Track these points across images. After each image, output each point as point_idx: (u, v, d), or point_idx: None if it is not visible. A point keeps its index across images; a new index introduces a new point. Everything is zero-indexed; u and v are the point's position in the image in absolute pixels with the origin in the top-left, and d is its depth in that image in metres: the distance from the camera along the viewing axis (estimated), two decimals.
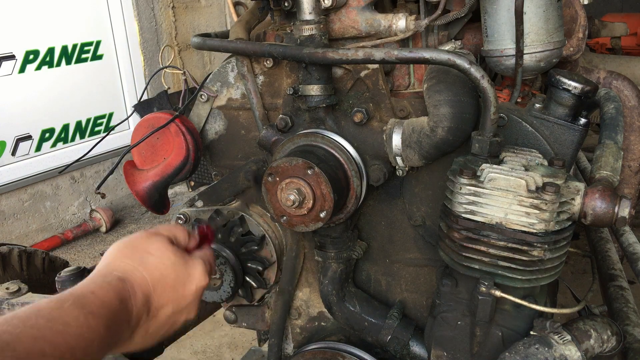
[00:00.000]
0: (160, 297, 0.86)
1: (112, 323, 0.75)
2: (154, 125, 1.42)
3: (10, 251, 1.95)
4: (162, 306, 0.87)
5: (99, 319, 0.72)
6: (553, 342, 1.08)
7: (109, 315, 0.74)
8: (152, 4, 4.97)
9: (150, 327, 0.86)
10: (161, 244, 0.90)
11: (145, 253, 0.87)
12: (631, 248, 1.56)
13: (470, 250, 1.09)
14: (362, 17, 1.29)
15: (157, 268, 0.87)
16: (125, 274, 0.83)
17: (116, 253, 0.88)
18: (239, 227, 1.47)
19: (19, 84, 4.14)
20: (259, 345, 2.04)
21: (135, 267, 0.85)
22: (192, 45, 1.39)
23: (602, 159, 1.18)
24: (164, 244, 0.91)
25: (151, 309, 0.85)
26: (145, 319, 0.84)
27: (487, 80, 1.06)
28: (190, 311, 0.93)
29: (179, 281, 0.89)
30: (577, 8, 1.45)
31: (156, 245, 0.90)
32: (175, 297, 0.88)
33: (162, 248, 0.90)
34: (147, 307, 0.84)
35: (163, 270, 0.87)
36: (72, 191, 4.60)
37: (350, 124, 1.30)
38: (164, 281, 0.87)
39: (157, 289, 0.86)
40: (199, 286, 0.92)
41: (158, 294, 0.86)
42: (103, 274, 0.82)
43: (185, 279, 0.90)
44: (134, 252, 0.87)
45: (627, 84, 1.52)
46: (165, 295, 0.87)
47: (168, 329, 0.90)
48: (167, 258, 0.89)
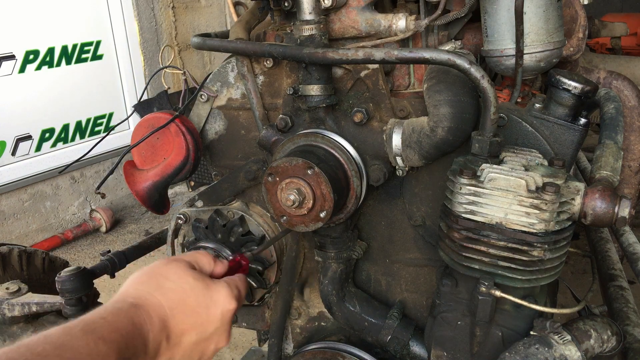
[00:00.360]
0: (181, 322, 0.81)
1: (125, 349, 0.71)
2: (154, 125, 1.42)
3: (10, 251, 1.95)
4: (184, 332, 0.81)
5: (110, 344, 0.68)
6: (553, 342, 1.08)
7: (121, 341, 0.70)
8: (152, 4, 4.97)
9: (175, 356, 0.81)
10: (179, 269, 0.85)
11: (162, 278, 0.83)
12: (631, 248, 1.56)
13: (470, 250, 1.09)
14: (362, 17, 1.29)
15: (174, 292, 0.82)
16: (139, 299, 0.79)
17: (131, 281, 0.83)
18: (239, 227, 1.47)
19: (19, 84, 4.14)
20: (259, 345, 2.05)
21: (150, 293, 0.80)
22: (192, 45, 1.39)
23: (602, 159, 1.17)
24: (183, 268, 0.86)
25: (171, 336, 0.80)
26: (166, 347, 0.79)
27: (487, 80, 1.06)
28: (220, 339, 0.87)
29: (200, 305, 0.84)
30: (577, 8, 1.45)
31: (174, 270, 0.85)
32: (198, 322, 0.83)
33: (180, 272, 0.85)
34: (165, 332, 0.79)
35: (181, 294, 0.82)
36: (72, 191, 4.60)
37: (350, 124, 1.30)
38: (183, 306, 0.82)
39: (175, 314, 0.81)
40: (224, 310, 0.86)
41: (177, 320, 0.80)
42: (115, 301, 0.78)
43: (208, 303, 0.85)
44: (150, 279, 0.83)
45: (627, 84, 1.52)
46: (187, 321, 0.82)
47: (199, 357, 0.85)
48: (186, 282, 0.84)
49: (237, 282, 0.93)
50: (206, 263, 0.93)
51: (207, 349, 0.86)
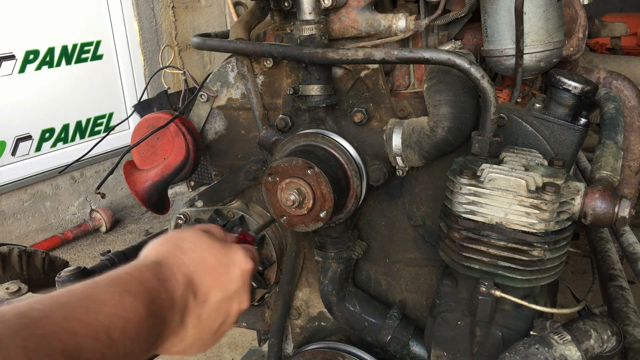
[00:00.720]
0: (204, 279, 0.81)
1: (153, 303, 0.69)
2: (154, 125, 1.42)
3: (10, 251, 1.95)
4: (210, 290, 0.81)
5: (136, 296, 0.67)
6: (553, 342, 1.08)
7: (146, 294, 0.68)
8: (152, 4, 4.97)
9: (203, 313, 0.80)
10: (196, 233, 0.87)
11: (180, 240, 0.84)
12: (631, 248, 1.56)
13: (470, 250, 1.09)
14: (362, 17, 1.29)
15: (194, 252, 0.82)
16: (162, 258, 0.78)
17: (150, 246, 0.84)
18: (239, 227, 1.47)
19: (19, 84, 4.14)
20: (259, 345, 2.05)
21: (172, 252, 0.80)
22: (192, 45, 1.39)
23: (602, 159, 1.18)
24: (199, 233, 0.87)
25: (198, 293, 0.79)
26: (194, 304, 0.78)
27: (487, 80, 1.06)
28: (242, 299, 0.87)
29: (220, 264, 0.84)
30: (577, 8, 1.45)
31: (191, 234, 0.86)
32: (220, 280, 0.83)
33: (196, 236, 0.86)
34: (192, 289, 0.78)
35: (201, 253, 0.83)
36: (72, 191, 4.60)
37: (350, 124, 1.30)
38: (205, 263, 0.82)
39: (198, 270, 0.80)
40: (244, 269, 0.87)
41: (201, 277, 0.80)
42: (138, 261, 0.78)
43: (227, 262, 0.86)
44: (168, 241, 0.84)
45: (627, 84, 1.52)
46: (210, 278, 0.81)
47: (224, 320, 0.85)
48: (204, 242, 0.85)
49: (249, 247, 0.95)
50: (217, 233, 0.94)
51: (231, 308, 0.85)
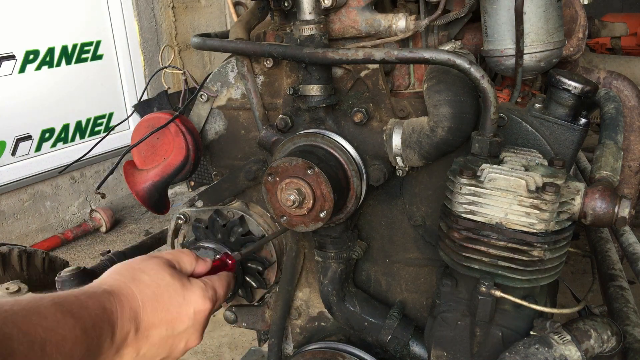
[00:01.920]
0: (151, 315, 0.82)
1: (91, 329, 0.71)
2: (154, 125, 1.42)
3: (10, 251, 1.95)
4: (154, 326, 0.83)
5: (77, 319, 0.69)
6: (553, 342, 1.08)
7: (88, 320, 0.71)
8: (152, 4, 4.97)
9: (142, 348, 0.82)
10: (157, 266, 0.88)
11: (139, 272, 0.85)
12: (631, 248, 1.56)
13: (470, 250, 1.09)
14: (362, 17, 1.29)
15: (149, 286, 0.84)
16: (114, 287, 0.80)
17: (109, 272, 0.86)
18: (239, 227, 1.47)
19: (19, 84, 4.14)
20: (259, 345, 2.05)
21: (126, 283, 0.82)
22: (192, 45, 1.39)
23: (602, 159, 1.18)
24: (162, 265, 0.88)
25: (140, 327, 0.81)
26: (134, 338, 0.80)
27: (487, 80, 1.06)
28: (190, 337, 0.89)
29: (173, 303, 0.85)
30: (577, 8, 1.45)
31: (152, 266, 0.87)
32: (168, 318, 0.84)
33: (157, 269, 0.87)
34: (135, 323, 0.80)
35: (155, 289, 0.84)
36: (72, 191, 4.60)
37: (350, 124, 1.30)
38: (156, 301, 0.83)
39: (147, 306, 0.82)
40: (197, 310, 0.88)
41: (148, 313, 0.82)
42: (90, 286, 0.80)
43: (180, 302, 0.87)
44: (127, 271, 0.85)
45: (627, 84, 1.52)
46: (157, 316, 0.83)
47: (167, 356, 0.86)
48: (162, 278, 0.86)
49: (216, 282, 0.95)
50: (187, 262, 0.95)
51: (176, 346, 0.87)
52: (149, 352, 0.83)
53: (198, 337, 0.90)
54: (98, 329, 0.73)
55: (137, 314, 0.80)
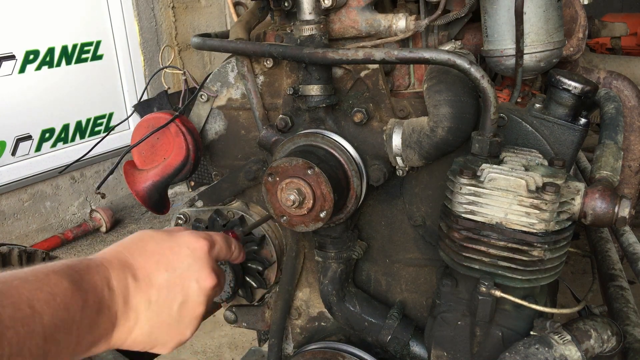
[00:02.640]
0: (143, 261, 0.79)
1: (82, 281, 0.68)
2: (154, 125, 1.42)
3: (10, 251, 1.95)
4: (152, 272, 0.79)
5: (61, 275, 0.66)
6: (553, 342, 1.08)
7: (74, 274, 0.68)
8: (152, 4, 4.97)
9: (151, 295, 0.78)
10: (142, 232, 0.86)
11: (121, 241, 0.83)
12: (631, 248, 1.56)
13: (470, 250, 1.09)
14: (362, 17, 1.29)
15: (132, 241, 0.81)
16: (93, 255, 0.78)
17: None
18: (239, 227, 1.47)
19: (19, 84, 4.14)
20: (259, 345, 2.05)
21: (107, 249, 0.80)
22: (192, 45, 1.39)
23: (602, 159, 1.18)
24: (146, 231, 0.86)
25: (138, 275, 0.77)
26: (136, 286, 0.76)
27: (487, 80, 1.06)
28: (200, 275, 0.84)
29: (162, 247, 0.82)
30: (577, 8, 1.45)
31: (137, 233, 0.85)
32: (163, 260, 0.81)
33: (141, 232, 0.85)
34: (130, 271, 0.76)
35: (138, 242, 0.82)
36: (72, 191, 4.60)
37: (350, 124, 1.30)
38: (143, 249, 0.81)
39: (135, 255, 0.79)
40: (192, 247, 0.85)
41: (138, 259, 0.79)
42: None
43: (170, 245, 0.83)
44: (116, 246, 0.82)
45: (627, 84, 1.52)
46: (150, 260, 0.80)
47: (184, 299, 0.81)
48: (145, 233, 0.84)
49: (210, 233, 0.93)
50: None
51: (188, 287, 0.82)
52: (161, 297, 0.79)
53: (209, 275, 0.85)
54: (90, 282, 0.70)
55: (127, 262, 0.77)
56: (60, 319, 0.63)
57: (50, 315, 0.62)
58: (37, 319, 0.61)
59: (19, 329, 0.58)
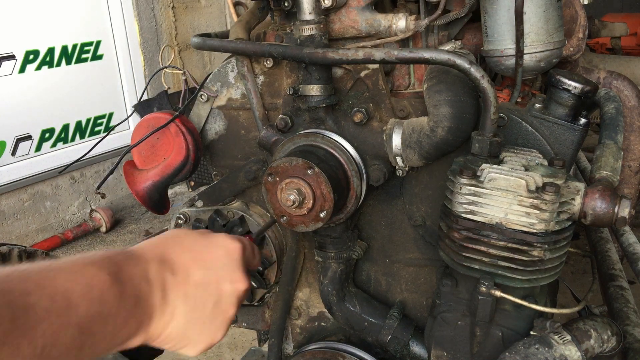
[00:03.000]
0: (181, 257, 0.78)
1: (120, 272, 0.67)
2: (154, 125, 1.42)
3: (10, 251, 1.95)
4: (189, 267, 0.78)
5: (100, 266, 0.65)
6: (553, 342, 1.08)
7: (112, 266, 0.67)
8: (152, 4, 4.97)
9: (188, 290, 0.76)
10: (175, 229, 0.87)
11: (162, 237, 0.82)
12: (631, 248, 1.56)
13: (470, 250, 1.09)
14: (362, 17, 1.29)
15: (168, 237, 0.81)
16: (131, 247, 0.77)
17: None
18: (239, 227, 1.47)
19: (19, 84, 4.14)
20: (259, 345, 2.05)
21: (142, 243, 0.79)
22: (192, 45, 1.39)
23: (602, 159, 1.18)
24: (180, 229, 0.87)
25: (175, 269, 0.76)
26: (174, 280, 0.75)
27: (487, 80, 1.06)
28: (233, 277, 0.83)
29: (198, 244, 0.82)
30: (577, 8, 1.45)
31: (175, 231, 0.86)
32: (200, 258, 0.80)
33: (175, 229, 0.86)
34: (168, 265, 0.75)
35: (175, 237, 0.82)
36: (72, 191, 4.60)
37: (350, 124, 1.30)
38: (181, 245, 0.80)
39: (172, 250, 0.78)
40: (227, 248, 0.84)
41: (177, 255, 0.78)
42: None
43: (206, 243, 0.83)
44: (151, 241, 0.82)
45: (627, 84, 1.52)
46: (186, 256, 0.79)
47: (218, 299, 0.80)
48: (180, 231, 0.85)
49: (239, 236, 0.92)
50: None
51: (222, 287, 0.81)
52: (198, 293, 0.78)
53: (242, 276, 0.84)
54: (128, 273, 0.68)
55: (165, 256, 0.76)
56: (97, 311, 0.62)
57: (87, 307, 0.61)
58: (73, 311, 0.59)
59: (53, 321, 0.57)
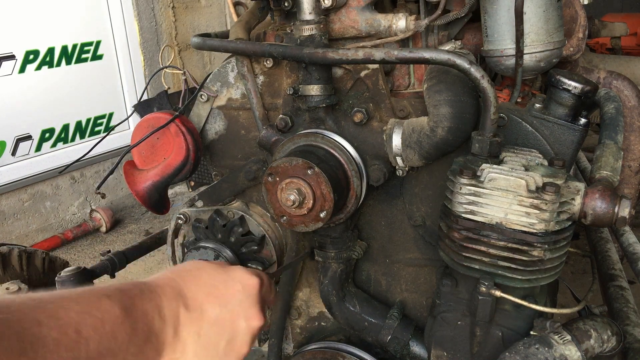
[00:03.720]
0: (196, 291, 0.77)
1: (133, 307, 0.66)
2: (154, 125, 1.42)
3: (10, 251, 1.95)
4: (204, 303, 0.77)
5: (113, 300, 0.64)
6: (553, 342, 1.08)
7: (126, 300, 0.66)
8: (152, 4, 4.97)
9: (201, 327, 0.76)
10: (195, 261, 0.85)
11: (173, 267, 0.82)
12: (631, 248, 1.56)
13: (470, 250, 1.09)
14: (362, 17, 1.29)
15: (185, 270, 0.80)
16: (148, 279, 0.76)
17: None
18: (239, 227, 1.47)
19: (19, 84, 4.14)
20: (259, 345, 2.04)
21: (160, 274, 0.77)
22: (192, 45, 1.39)
23: (602, 159, 1.17)
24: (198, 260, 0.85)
25: (189, 304, 0.75)
26: (188, 316, 0.74)
27: (487, 80, 1.06)
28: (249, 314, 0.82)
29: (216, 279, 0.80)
30: (577, 8, 1.45)
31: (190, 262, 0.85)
32: (216, 293, 0.79)
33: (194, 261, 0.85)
34: (182, 300, 0.74)
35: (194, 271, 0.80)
36: (72, 191, 4.60)
37: (350, 124, 1.30)
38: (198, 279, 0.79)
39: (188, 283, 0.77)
40: (245, 284, 0.83)
41: (192, 289, 0.76)
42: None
43: (224, 278, 0.81)
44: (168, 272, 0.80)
45: (627, 84, 1.52)
46: (203, 291, 0.78)
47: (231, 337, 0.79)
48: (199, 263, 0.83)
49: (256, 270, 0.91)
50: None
51: (237, 325, 0.80)
52: (210, 331, 0.76)
53: (257, 314, 0.83)
54: (141, 308, 0.68)
55: (180, 291, 0.75)
56: (107, 346, 0.61)
57: (97, 341, 0.60)
58: (83, 345, 0.59)
59: (62, 354, 0.56)
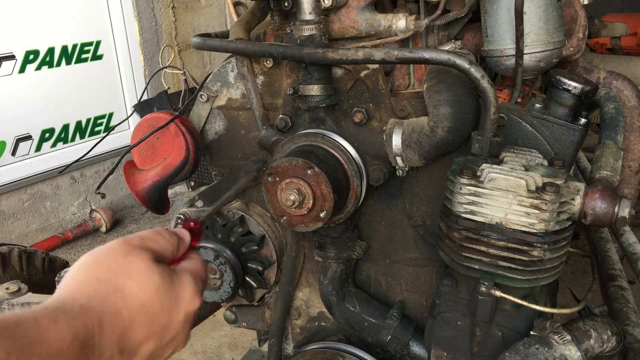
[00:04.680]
0: (139, 331, 0.69)
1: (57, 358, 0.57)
2: (154, 125, 1.42)
3: (10, 251, 1.95)
4: (142, 343, 0.70)
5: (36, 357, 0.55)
6: (553, 342, 1.08)
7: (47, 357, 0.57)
8: (152, 4, 4.97)
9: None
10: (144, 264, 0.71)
11: (123, 277, 0.68)
12: (631, 248, 1.55)
13: (470, 250, 1.09)
14: (362, 17, 1.29)
15: (137, 297, 0.69)
16: (92, 301, 0.64)
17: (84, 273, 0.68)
18: (239, 227, 1.47)
19: (19, 84, 4.14)
20: (259, 345, 2.05)
21: (108, 296, 0.66)
22: (192, 45, 1.39)
23: (602, 159, 1.17)
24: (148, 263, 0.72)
25: (126, 349, 0.68)
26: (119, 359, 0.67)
27: (487, 80, 1.06)
28: (179, 342, 0.77)
29: (163, 310, 0.72)
30: (577, 8, 1.45)
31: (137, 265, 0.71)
32: (158, 330, 0.72)
33: (144, 269, 0.71)
34: (120, 346, 0.67)
35: (144, 299, 0.70)
36: (72, 191, 4.60)
37: (350, 124, 1.30)
38: (145, 312, 0.70)
39: (135, 323, 0.68)
40: (188, 312, 0.76)
41: (136, 329, 0.68)
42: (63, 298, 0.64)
43: (171, 305, 0.74)
44: (108, 274, 0.68)
45: (627, 84, 1.52)
46: (146, 329, 0.70)
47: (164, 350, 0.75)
48: (151, 282, 0.71)
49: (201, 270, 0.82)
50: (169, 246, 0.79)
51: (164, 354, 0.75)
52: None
53: (184, 339, 0.78)
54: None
55: (122, 336, 0.67)
56: None
57: None
58: None
59: None
